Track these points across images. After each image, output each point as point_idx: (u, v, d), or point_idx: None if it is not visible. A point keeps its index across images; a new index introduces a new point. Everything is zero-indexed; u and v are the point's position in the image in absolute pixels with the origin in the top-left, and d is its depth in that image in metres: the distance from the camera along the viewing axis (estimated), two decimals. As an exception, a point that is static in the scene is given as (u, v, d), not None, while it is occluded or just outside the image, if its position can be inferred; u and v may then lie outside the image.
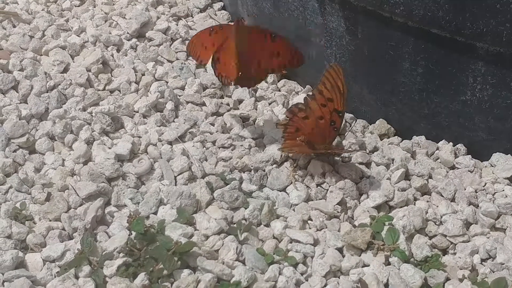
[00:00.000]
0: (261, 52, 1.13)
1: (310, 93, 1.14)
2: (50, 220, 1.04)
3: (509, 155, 1.15)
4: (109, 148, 1.15)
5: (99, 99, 1.23)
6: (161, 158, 1.14)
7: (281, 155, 1.14)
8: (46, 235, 1.02)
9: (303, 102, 1.13)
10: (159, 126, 1.20)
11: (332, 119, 1.11)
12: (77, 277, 0.96)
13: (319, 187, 1.11)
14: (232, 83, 1.17)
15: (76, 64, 1.30)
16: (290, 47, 1.12)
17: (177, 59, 1.35)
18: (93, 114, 1.19)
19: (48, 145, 1.15)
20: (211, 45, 1.15)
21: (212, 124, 1.22)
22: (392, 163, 1.15)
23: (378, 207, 1.08)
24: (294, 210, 1.08)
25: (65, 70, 1.29)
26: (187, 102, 1.26)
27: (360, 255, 1.02)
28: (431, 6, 1.04)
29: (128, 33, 1.38)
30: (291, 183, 1.11)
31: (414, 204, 1.10)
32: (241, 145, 1.17)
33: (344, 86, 1.10)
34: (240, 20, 1.13)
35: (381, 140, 1.21)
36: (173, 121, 1.22)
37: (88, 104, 1.22)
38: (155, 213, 1.06)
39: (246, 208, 1.06)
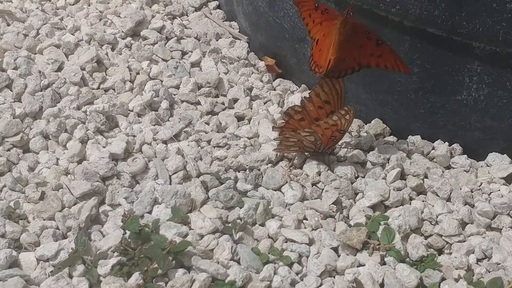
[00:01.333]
0: (361, 51, 1.07)
1: (307, 95, 1.14)
2: (44, 219, 1.04)
3: (505, 155, 1.15)
4: (104, 147, 1.15)
5: (94, 98, 1.23)
6: (156, 157, 1.13)
7: (277, 155, 1.14)
8: (40, 234, 1.01)
9: (299, 104, 1.13)
10: (154, 125, 1.20)
11: None
12: (71, 276, 0.96)
13: (314, 186, 1.10)
14: (321, 75, 1.11)
15: (70, 62, 1.30)
16: (394, 55, 1.07)
17: (172, 58, 1.35)
18: (88, 113, 1.19)
19: (42, 144, 1.15)
20: (318, 21, 1.09)
21: (207, 123, 1.22)
22: (388, 162, 1.15)
23: (373, 207, 1.08)
24: (289, 209, 1.07)
25: (60, 69, 1.28)
26: (182, 101, 1.26)
27: (355, 255, 1.01)
28: (427, 5, 1.04)
29: (122, 31, 1.38)
30: (287, 182, 1.11)
31: (410, 204, 1.09)
32: (236, 144, 1.16)
33: (343, 89, 1.09)
34: (350, 11, 1.06)
35: (377, 139, 1.21)
36: (168, 120, 1.22)
37: (82, 103, 1.21)
38: (150, 212, 1.05)
39: (241, 208, 1.05)
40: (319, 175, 1.11)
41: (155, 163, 1.12)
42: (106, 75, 1.29)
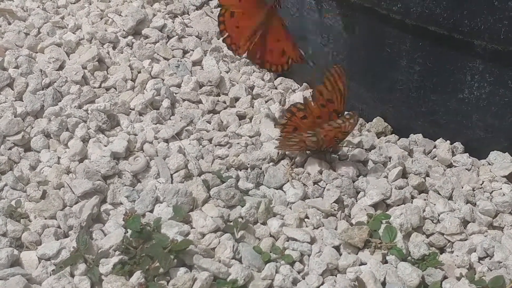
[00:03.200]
0: (285, 43, 1.18)
1: (310, 93, 1.13)
2: (45, 218, 1.04)
3: (506, 153, 1.15)
4: (105, 145, 1.14)
5: (95, 97, 1.23)
6: (157, 156, 1.13)
7: (278, 153, 1.14)
8: (41, 233, 1.01)
9: (302, 102, 1.13)
10: (155, 124, 1.20)
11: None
12: (72, 275, 0.96)
13: (316, 185, 1.10)
14: (240, 55, 1.24)
15: (71, 61, 1.30)
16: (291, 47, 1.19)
17: (173, 56, 1.35)
18: (89, 112, 1.19)
19: (43, 143, 1.15)
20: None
21: (209, 122, 1.21)
22: (389, 161, 1.14)
23: (375, 205, 1.08)
24: (291, 208, 1.07)
25: (61, 68, 1.28)
26: (184, 100, 1.26)
27: (357, 253, 1.01)
28: (428, 4, 1.03)
29: (124, 30, 1.38)
30: (288, 181, 1.10)
31: (412, 202, 1.09)
32: (238, 143, 1.16)
33: (345, 88, 1.09)
34: (276, 5, 1.18)
35: (378, 138, 1.21)
36: (169, 119, 1.22)
37: (83, 102, 1.21)
38: (151, 211, 1.05)
39: (242, 206, 1.05)
40: (321, 173, 1.11)
41: (157, 162, 1.12)
42: (108, 73, 1.29)
